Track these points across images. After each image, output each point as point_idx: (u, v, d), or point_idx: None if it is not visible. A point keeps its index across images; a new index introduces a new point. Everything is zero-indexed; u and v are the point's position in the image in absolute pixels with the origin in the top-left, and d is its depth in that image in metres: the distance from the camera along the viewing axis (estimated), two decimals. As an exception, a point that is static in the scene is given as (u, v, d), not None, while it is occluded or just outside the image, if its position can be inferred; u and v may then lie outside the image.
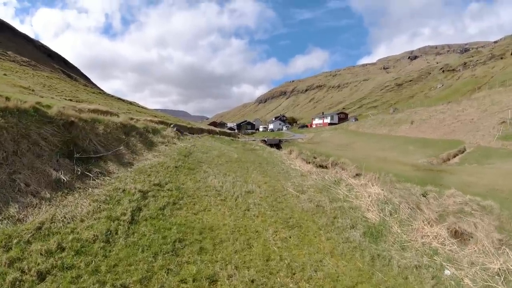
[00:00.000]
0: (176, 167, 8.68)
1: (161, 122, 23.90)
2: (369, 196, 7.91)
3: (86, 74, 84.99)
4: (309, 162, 13.74)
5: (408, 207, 7.77)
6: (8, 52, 46.24)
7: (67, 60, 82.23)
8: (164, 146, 11.50)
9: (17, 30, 69.67)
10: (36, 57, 59.37)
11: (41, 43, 78.66)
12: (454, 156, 25.85)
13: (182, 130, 18.26)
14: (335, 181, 9.40)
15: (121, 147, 8.86)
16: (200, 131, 36.53)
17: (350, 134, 53.62)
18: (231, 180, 8.24)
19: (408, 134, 40.69)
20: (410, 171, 18.24)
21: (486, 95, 45.66)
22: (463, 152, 27.16)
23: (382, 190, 8.27)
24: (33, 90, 15.17)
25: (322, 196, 7.85)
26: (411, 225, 6.78)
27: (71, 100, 22.20)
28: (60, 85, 30.60)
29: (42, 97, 13.48)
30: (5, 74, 21.69)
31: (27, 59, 48.86)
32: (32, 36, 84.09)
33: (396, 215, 7.04)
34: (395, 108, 71.45)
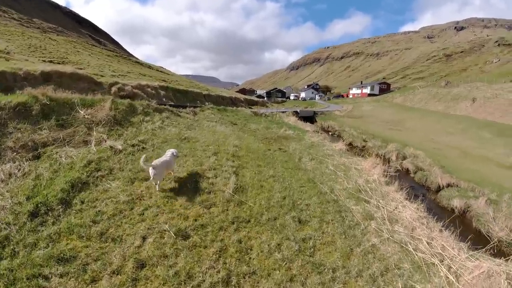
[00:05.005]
0: None
1: (162, 87, 19.64)
2: None
3: (117, 40, 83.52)
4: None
5: None
6: (34, 19, 44.77)
7: (97, 26, 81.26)
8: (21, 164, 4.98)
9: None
10: (64, 23, 58.32)
11: (69, 9, 77.37)
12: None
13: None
14: None
15: None
16: (221, 99, 31.76)
17: (397, 108, 45.84)
18: None
19: (471, 114, 32.53)
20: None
21: None
22: None
23: None
24: (7, 53, 11.78)
25: None
26: None
27: (51, 61, 17.91)
28: (54, 47, 26.51)
29: (8, 60, 10.23)
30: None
31: (54, 25, 47.81)
32: (63, 3, 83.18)
33: None
34: (447, 81, 60.43)
